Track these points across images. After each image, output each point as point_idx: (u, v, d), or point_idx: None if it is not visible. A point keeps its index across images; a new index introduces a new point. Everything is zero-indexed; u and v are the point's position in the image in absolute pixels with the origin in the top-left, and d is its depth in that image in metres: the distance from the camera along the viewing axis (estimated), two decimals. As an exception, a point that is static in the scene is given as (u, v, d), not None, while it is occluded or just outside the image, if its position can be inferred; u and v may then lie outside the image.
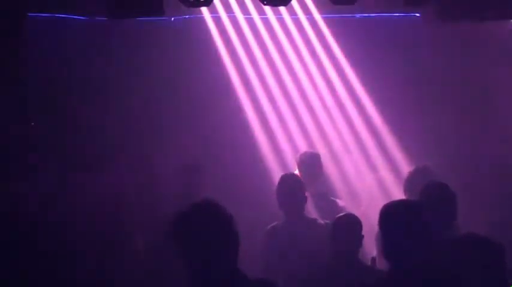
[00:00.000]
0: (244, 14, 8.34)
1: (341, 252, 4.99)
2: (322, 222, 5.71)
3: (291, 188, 5.71)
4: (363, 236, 5.08)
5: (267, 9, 8.19)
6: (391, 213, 3.84)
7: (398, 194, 7.04)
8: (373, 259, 5.36)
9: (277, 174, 6.82)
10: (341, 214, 5.26)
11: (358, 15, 8.63)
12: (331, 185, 6.92)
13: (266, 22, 8.41)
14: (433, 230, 4.02)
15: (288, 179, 5.88)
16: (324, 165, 6.69)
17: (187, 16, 8.47)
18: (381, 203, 6.32)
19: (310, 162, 6.39)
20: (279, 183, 5.80)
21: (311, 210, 5.98)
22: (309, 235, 5.53)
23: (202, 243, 3.21)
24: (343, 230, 5.00)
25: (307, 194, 6.20)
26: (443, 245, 4.02)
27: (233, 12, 8.31)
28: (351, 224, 5.06)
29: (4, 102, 7.59)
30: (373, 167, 7.93)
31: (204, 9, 8.13)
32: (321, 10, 8.33)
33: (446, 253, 3.89)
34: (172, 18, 8.62)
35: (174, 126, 8.27)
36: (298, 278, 5.15)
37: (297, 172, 6.44)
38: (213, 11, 8.24)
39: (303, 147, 7.99)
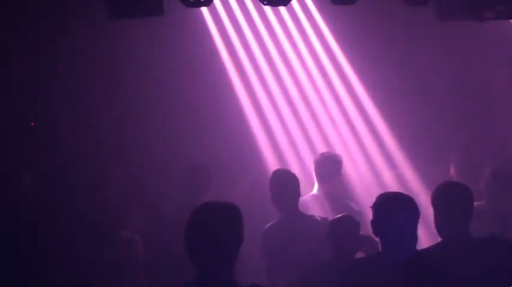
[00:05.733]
0: (244, 14, 8.35)
1: (339, 252, 5.00)
2: (318, 218, 5.70)
3: (282, 183, 5.70)
4: (361, 236, 5.09)
5: (267, 9, 8.20)
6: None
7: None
8: None
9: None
10: (339, 215, 5.27)
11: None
12: (350, 189, 6.87)
13: (266, 22, 8.42)
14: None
15: (280, 173, 5.88)
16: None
17: (187, 16, 8.46)
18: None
19: (326, 161, 6.36)
20: (271, 178, 5.80)
21: (325, 210, 5.95)
22: (304, 232, 5.52)
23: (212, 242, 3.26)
24: (341, 231, 5.01)
25: (319, 193, 6.19)
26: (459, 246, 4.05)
27: (233, 12, 8.32)
28: (349, 225, 5.07)
29: (4, 102, 7.61)
30: (374, 170, 7.93)
31: (204, 9, 8.13)
32: (320, 10, 8.35)
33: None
34: (172, 18, 8.60)
35: (176, 127, 8.28)
36: (296, 277, 5.15)
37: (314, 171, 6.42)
38: (213, 11, 8.25)
39: (303, 147, 8.00)
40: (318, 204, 6.06)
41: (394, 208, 3.92)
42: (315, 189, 6.29)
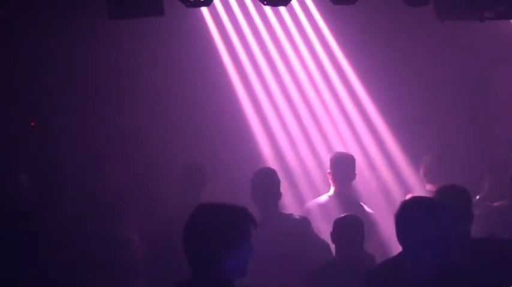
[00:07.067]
0: (244, 14, 8.34)
1: (342, 252, 5.01)
2: (297, 216, 5.65)
3: (262, 181, 5.66)
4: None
5: (267, 9, 8.20)
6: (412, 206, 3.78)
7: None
8: None
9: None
10: (343, 215, 5.28)
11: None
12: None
13: (266, 22, 8.41)
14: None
15: (262, 172, 5.85)
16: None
17: (187, 16, 8.46)
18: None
19: (345, 163, 6.31)
20: (252, 178, 5.75)
21: (343, 211, 5.92)
22: (282, 231, 5.47)
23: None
24: (345, 231, 5.02)
25: (335, 194, 6.16)
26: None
27: (233, 12, 8.31)
28: (352, 225, 5.07)
29: (5, 102, 7.62)
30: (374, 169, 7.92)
31: (204, 9, 8.13)
32: (321, 10, 8.34)
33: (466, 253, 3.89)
34: (172, 18, 8.60)
35: (175, 126, 8.28)
36: (294, 278, 5.15)
37: (329, 171, 6.37)
38: (213, 11, 8.24)
39: (303, 147, 8.00)
40: (335, 205, 6.04)
41: (416, 215, 3.74)
42: (332, 190, 6.25)
